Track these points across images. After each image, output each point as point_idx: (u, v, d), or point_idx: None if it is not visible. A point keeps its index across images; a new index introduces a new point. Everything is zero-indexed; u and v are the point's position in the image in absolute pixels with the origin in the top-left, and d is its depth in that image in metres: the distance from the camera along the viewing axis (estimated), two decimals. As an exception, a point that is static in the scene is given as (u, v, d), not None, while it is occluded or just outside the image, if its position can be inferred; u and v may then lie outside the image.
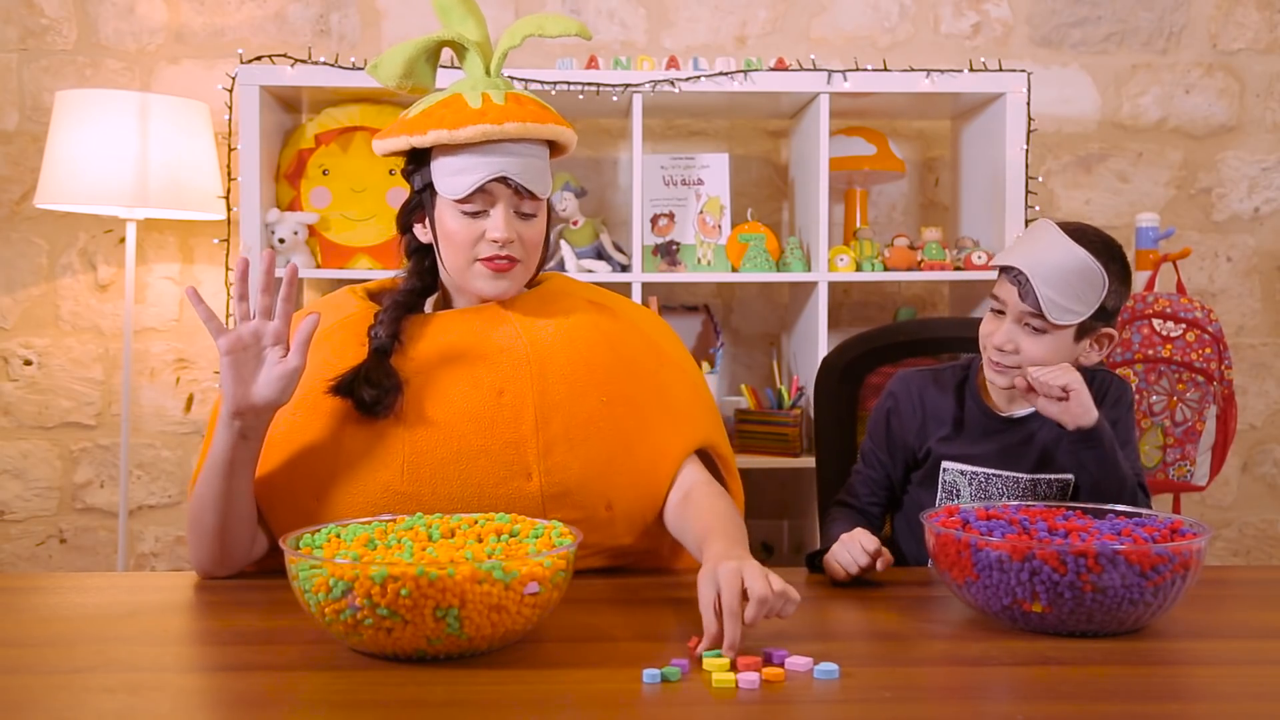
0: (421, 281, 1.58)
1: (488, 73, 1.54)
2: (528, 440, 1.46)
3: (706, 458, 1.62)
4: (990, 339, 1.59)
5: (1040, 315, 1.53)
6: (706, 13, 2.98)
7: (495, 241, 1.49)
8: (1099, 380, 1.66)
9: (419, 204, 1.55)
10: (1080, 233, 1.56)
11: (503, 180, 1.48)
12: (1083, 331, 1.56)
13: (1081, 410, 1.51)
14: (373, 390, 1.45)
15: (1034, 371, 1.52)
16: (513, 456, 1.45)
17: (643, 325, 1.63)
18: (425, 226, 1.56)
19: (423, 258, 1.59)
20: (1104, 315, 1.56)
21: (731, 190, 2.80)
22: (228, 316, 2.67)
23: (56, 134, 2.58)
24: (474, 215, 1.50)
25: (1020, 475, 1.63)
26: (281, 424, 1.46)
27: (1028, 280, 1.52)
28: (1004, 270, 1.58)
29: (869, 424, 1.76)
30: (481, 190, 1.48)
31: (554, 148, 1.57)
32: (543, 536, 1.24)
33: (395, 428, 1.46)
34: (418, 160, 1.54)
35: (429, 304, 1.62)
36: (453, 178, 1.49)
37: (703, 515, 1.44)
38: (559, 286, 1.63)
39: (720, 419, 1.66)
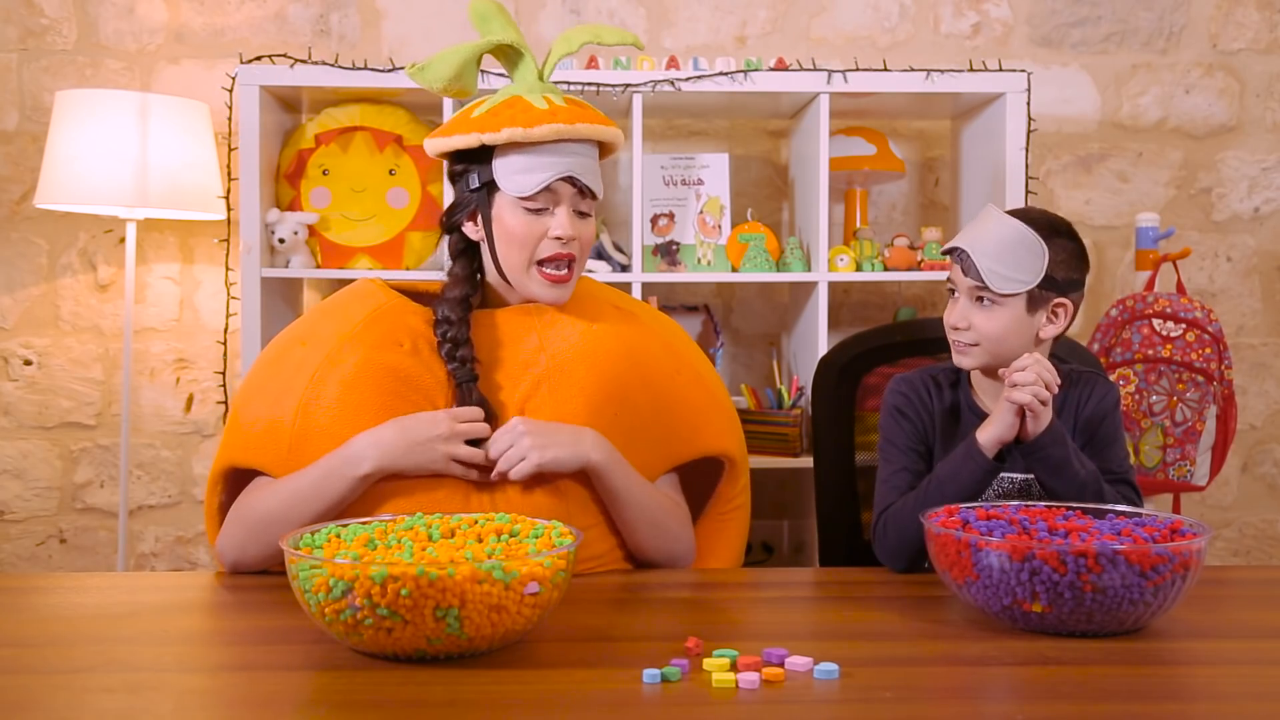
0: (472, 288, 1.58)
1: (540, 78, 1.57)
2: None
3: (718, 464, 1.66)
4: (948, 321, 1.62)
5: (985, 287, 1.55)
6: (706, 13, 2.98)
7: (558, 239, 1.52)
8: (1084, 381, 1.66)
9: (472, 202, 1.57)
10: (1022, 212, 1.60)
11: (568, 180, 1.52)
12: (1034, 302, 1.57)
13: (1041, 425, 1.53)
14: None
15: (1017, 377, 1.53)
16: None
17: (664, 333, 1.66)
18: (477, 225, 1.57)
19: (470, 259, 1.60)
20: (1055, 286, 1.57)
21: (731, 190, 2.80)
22: (228, 317, 2.67)
23: (56, 134, 2.58)
24: (536, 213, 1.53)
25: (1014, 475, 1.63)
26: (322, 419, 1.48)
27: (968, 256, 1.56)
28: (948, 254, 1.62)
29: (884, 429, 1.71)
30: (547, 189, 1.52)
31: (600, 150, 1.61)
32: (543, 536, 1.24)
33: None
34: (475, 159, 1.55)
35: None
36: (520, 176, 1.51)
37: None
38: (585, 290, 1.65)
39: (738, 423, 1.69)
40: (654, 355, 1.60)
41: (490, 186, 1.54)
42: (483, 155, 1.54)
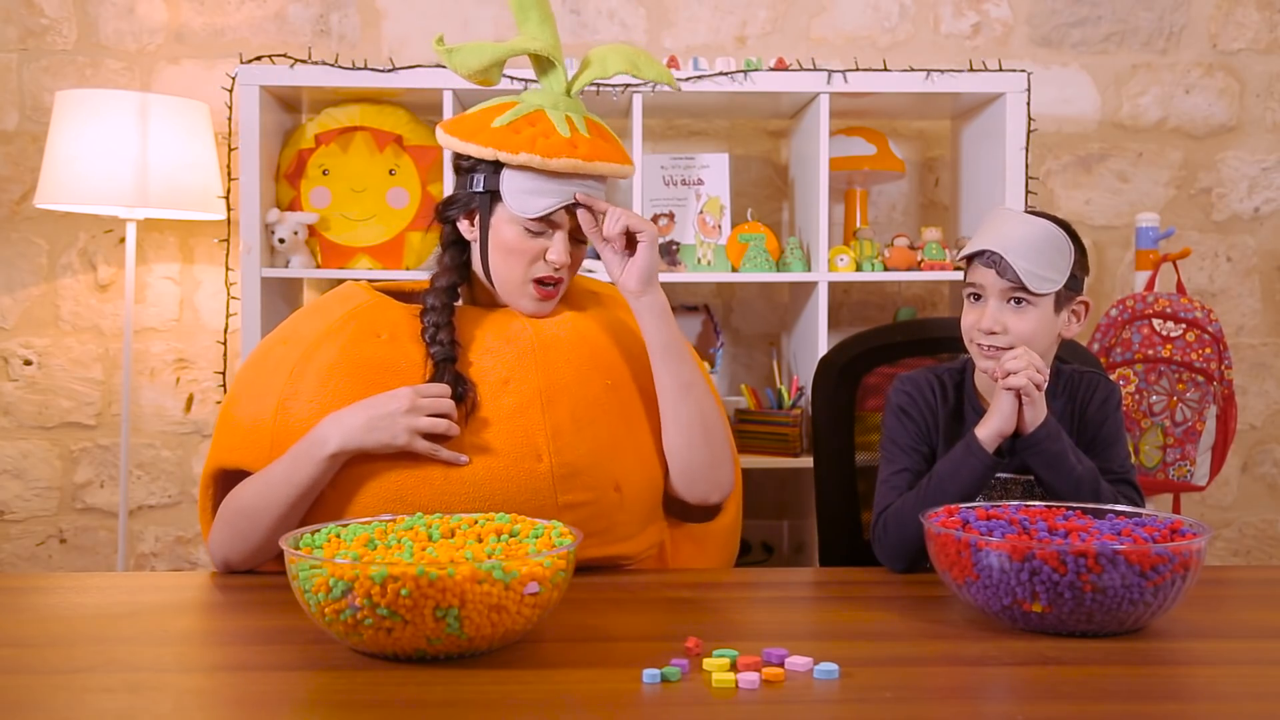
0: (460, 278, 1.59)
1: (567, 92, 1.57)
2: (535, 424, 1.49)
3: None
4: (976, 326, 1.59)
5: (1022, 288, 1.54)
6: (706, 13, 2.98)
7: (552, 263, 1.53)
8: (1086, 381, 1.66)
9: (472, 203, 1.56)
10: (1035, 212, 1.61)
11: (570, 210, 1.53)
12: (1059, 302, 1.58)
13: (1038, 414, 1.54)
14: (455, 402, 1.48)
15: (1010, 364, 1.53)
16: (521, 440, 1.48)
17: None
18: (473, 226, 1.57)
19: (459, 251, 1.60)
20: (1075, 285, 1.59)
21: (731, 190, 2.80)
22: (228, 317, 2.67)
23: (56, 134, 2.58)
24: (535, 234, 1.53)
25: (1017, 475, 1.63)
26: (301, 413, 1.48)
27: (1002, 258, 1.55)
28: (975, 257, 1.59)
29: (887, 428, 1.71)
30: (548, 215, 1.52)
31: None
32: (543, 536, 1.24)
33: None
34: (486, 162, 1.54)
35: None
36: (527, 197, 1.51)
37: None
38: (571, 286, 1.66)
39: (721, 403, 1.69)
40: (635, 336, 1.61)
41: (494, 195, 1.54)
42: (492, 164, 1.53)
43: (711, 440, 1.58)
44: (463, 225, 1.58)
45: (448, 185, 2.59)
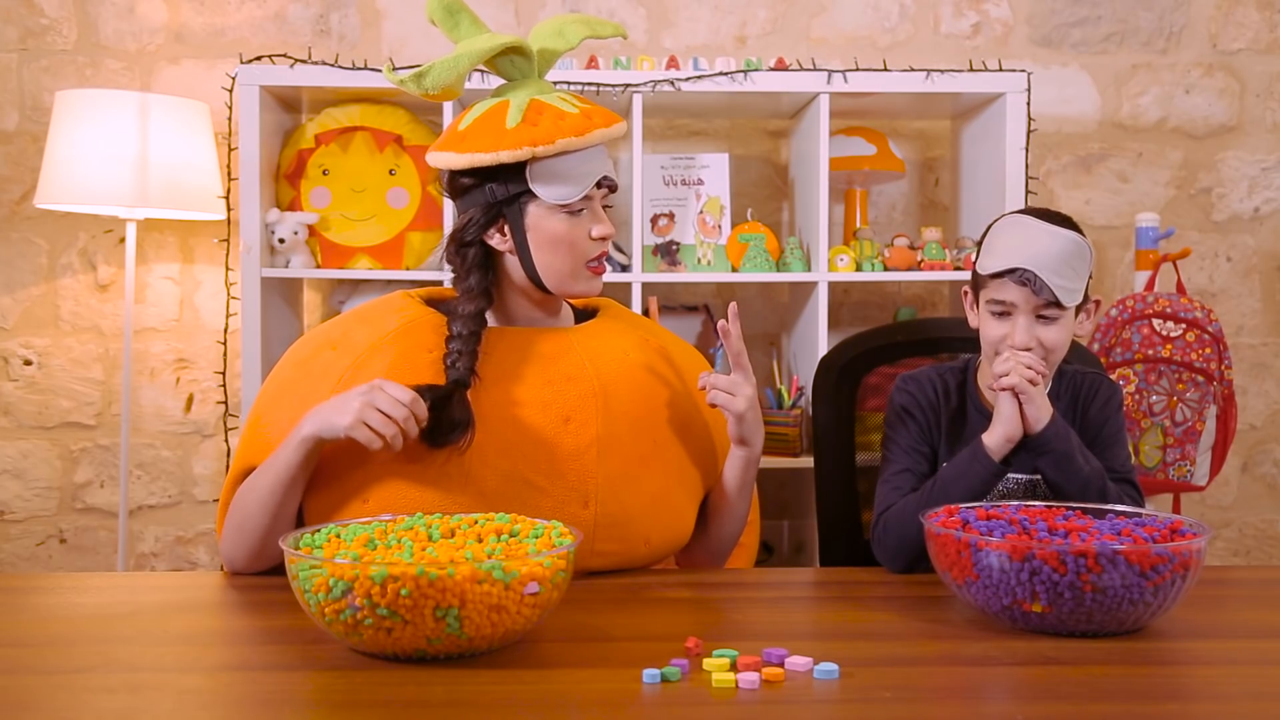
0: (488, 301, 1.55)
1: (539, 76, 1.56)
2: (590, 470, 1.48)
3: None
4: (1008, 342, 1.57)
5: (1056, 304, 1.54)
6: (706, 13, 2.98)
7: (603, 239, 1.54)
8: (1088, 381, 1.66)
9: (498, 214, 1.52)
10: (1050, 216, 1.59)
11: (597, 181, 1.53)
12: (1079, 304, 1.59)
13: (1040, 412, 1.54)
14: (446, 429, 1.44)
15: (999, 367, 1.54)
16: (574, 483, 1.48)
17: (685, 362, 1.67)
18: (505, 236, 1.53)
19: (486, 272, 1.55)
20: (1087, 287, 1.61)
21: (731, 190, 2.80)
22: (228, 317, 2.67)
23: (56, 134, 2.58)
24: (575, 216, 1.52)
25: (1020, 476, 1.63)
26: None
27: (1036, 276, 1.53)
28: (1003, 274, 1.57)
29: (889, 428, 1.70)
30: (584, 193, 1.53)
31: None
32: (543, 536, 1.24)
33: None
34: (501, 171, 1.50)
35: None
36: (562, 183, 1.50)
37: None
38: (616, 315, 1.67)
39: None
40: (683, 388, 1.62)
41: (521, 195, 1.50)
42: (511, 166, 1.50)
43: (730, 543, 1.70)
44: (494, 240, 1.53)
45: (448, 185, 2.59)
